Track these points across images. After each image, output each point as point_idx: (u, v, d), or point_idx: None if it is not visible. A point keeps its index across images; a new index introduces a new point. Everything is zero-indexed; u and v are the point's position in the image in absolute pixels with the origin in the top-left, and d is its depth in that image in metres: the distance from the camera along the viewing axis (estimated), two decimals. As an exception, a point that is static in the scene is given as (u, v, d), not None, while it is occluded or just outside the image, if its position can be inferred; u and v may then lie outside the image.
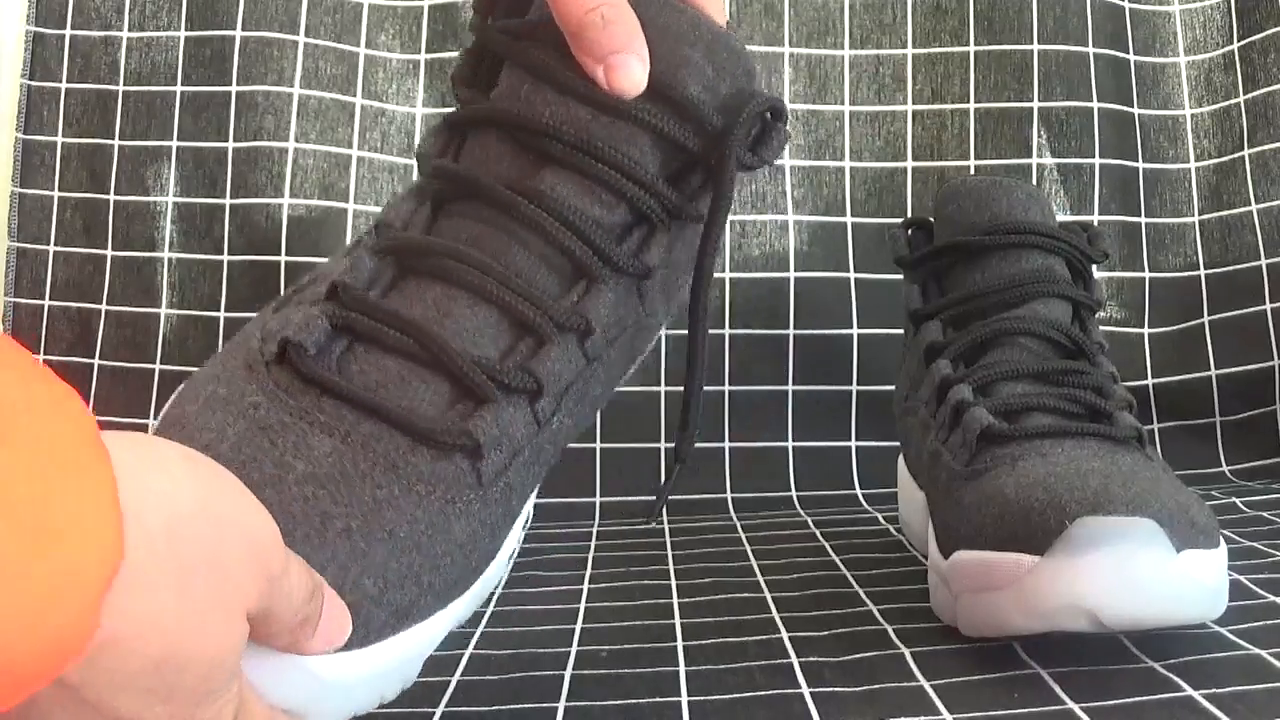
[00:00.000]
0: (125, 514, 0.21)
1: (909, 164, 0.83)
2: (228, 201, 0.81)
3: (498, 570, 0.37)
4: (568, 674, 0.41)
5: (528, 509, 0.38)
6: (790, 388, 0.79)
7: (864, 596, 0.50)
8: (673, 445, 0.41)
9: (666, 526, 0.69)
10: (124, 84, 0.82)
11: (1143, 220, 0.84)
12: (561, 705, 0.38)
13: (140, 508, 0.22)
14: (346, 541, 0.30)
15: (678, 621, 0.47)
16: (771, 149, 0.37)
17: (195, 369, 0.37)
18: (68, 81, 0.83)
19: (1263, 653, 0.39)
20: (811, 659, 0.42)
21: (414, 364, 0.33)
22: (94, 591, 0.21)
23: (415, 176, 0.38)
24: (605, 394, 0.38)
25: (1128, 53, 0.85)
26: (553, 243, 0.34)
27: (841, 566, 0.56)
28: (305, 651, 0.29)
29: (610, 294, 0.35)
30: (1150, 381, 0.80)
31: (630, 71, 0.33)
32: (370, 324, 0.33)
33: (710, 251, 0.36)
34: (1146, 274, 0.83)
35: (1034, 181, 0.81)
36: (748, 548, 0.61)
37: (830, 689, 0.38)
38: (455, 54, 0.84)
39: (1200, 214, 0.84)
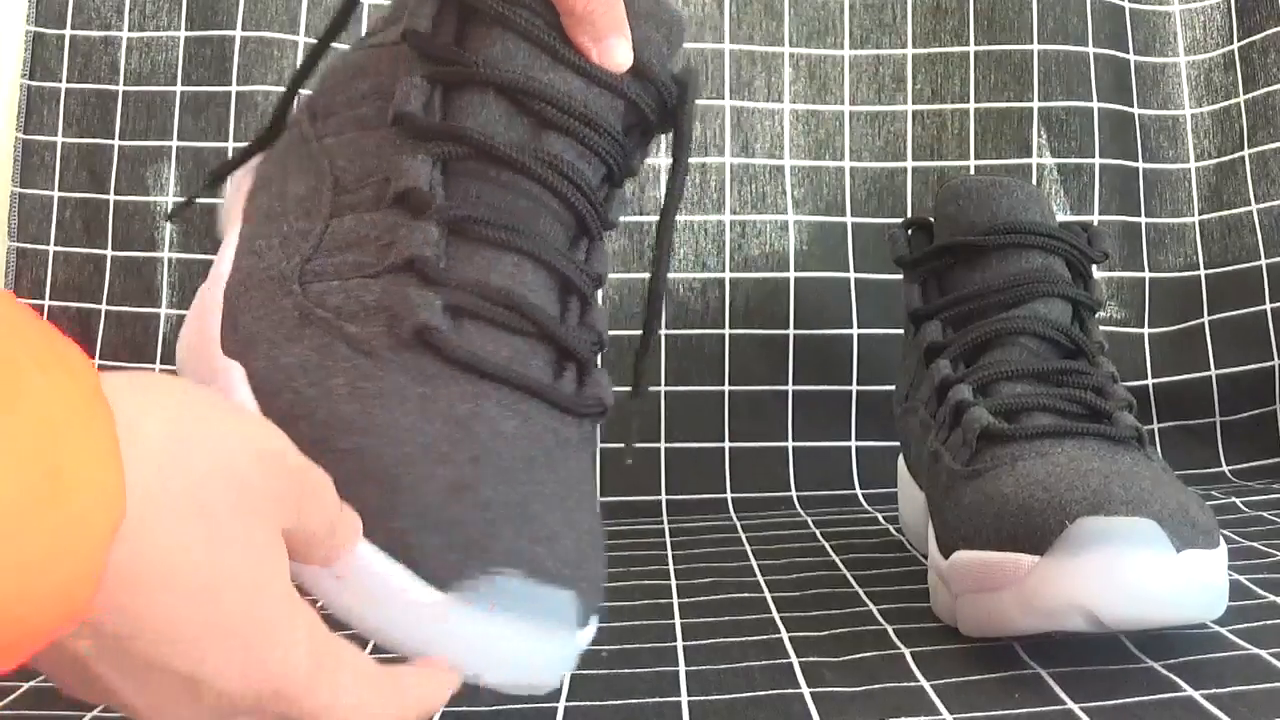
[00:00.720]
0: (126, 454, 0.22)
1: (909, 164, 0.83)
2: (228, 201, 0.81)
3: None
4: (568, 674, 0.41)
5: None
6: (790, 388, 0.79)
7: (864, 596, 0.50)
8: (635, 387, 0.44)
9: (666, 526, 0.69)
10: (124, 84, 0.82)
11: (1143, 220, 0.84)
12: (561, 705, 0.38)
13: (141, 442, 0.23)
14: (571, 534, 0.33)
15: (678, 621, 0.47)
16: (693, 118, 0.41)
17: None
18: (68, 81, 0.83)
19: (1263, 653, 0.39)
20: (811, 659, 0.42)
21: (520, 336, 0.35)
22: (100, 542, 0.21)
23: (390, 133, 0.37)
24: None
25: (1128, 53, 0.85)
26: (566, 204, 0.37)
27: (841, 566, 0.56)
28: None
29: (603, 252, 0.39)
30: (1150, 381, 0.80)
31: (622, 52, 0.37)
32: (475, 300, 0.34)
33: (673, 207, 0.40)
34: (1146, 274, 0.83)
35: (1034, 181, 0.81)
36: (748, 548, 0.61)
37: (830, 689, 0.38)
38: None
39: (1200, 214, 0.84)
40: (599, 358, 0.37)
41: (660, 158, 0.82)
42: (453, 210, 0.35)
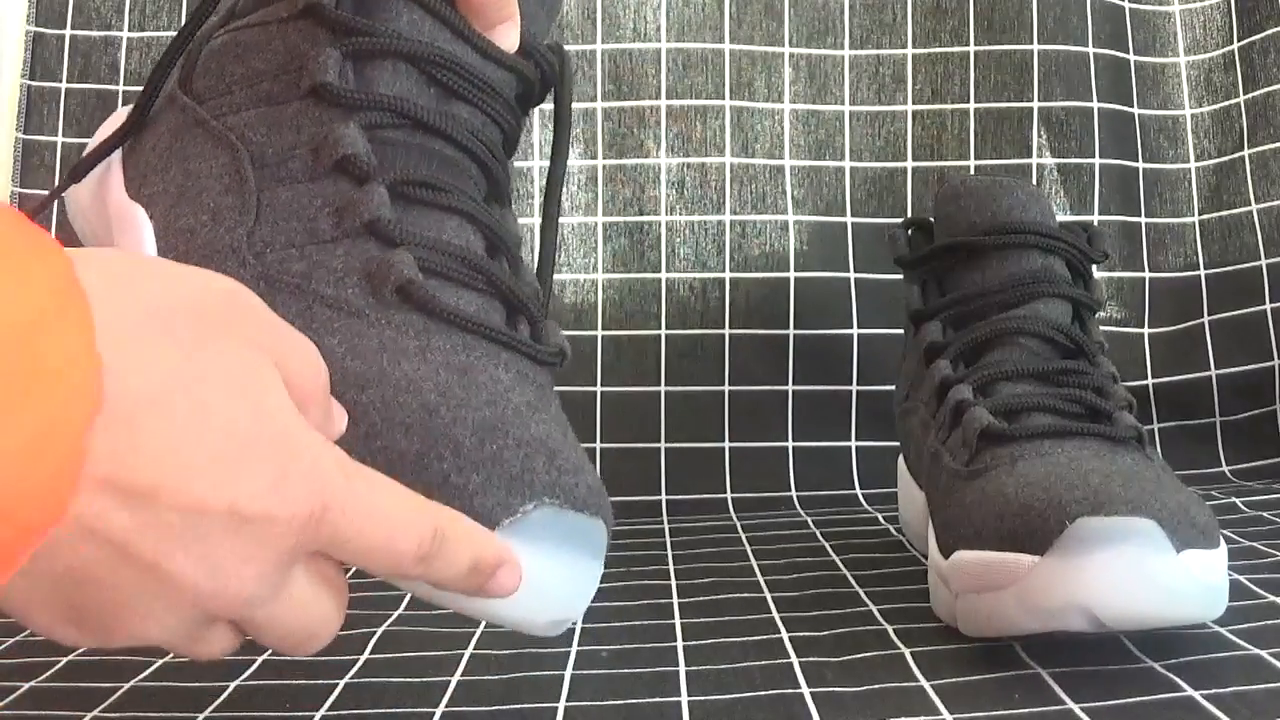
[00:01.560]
0: (95, 305, 0.22)
1: (909, 164, 0.83)
2: (228, 201, 0.81)
3: None
4: (568, 674, 0.41)
5: None
6: (790, 388, 0.79)
7: (864, 596, 0.50)
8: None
9: (666, 526, 0.69)
10: (124, 84, 0.82)
11: (1143, 220, 0.84)
12: (561, 705, 0.38)
13: (89, 288, 0.23)
14: (582, 455, 0.35)
15: (678, 621, 0.47)
16: (571, 88, 0.43)
17: None
18: (68, 81, 0.83)
19: (1263, 653, 0.39)
20: (811, 659, 0.42)
21: (477, 292, 0.37)
22: (79, 431, 0.21)
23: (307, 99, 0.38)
24: None
25: (1128, 53, 0.85)
26: (482, 167, 0.39)
27: (841, 566, 0.56)
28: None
29: (513, 215, 0.41)
30: (1150, 381, 0.80)
31: (512, 37, 0.39)
32: (439, 258, 0.36)
33: (558, 179, 0.42)
34: (1146, 274, 0.83)
35: (1034, 181, 0.81)
36: (748, 548, 0.61)
37: (830, 689, 0.38)
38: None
39: (1200, 214, 0.84)
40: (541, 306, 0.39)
41: (662, 157, 0.82)
42: (394, 174, 0.36)
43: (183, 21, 0.82)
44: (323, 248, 0.35)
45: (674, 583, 0.54)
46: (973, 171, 0.82)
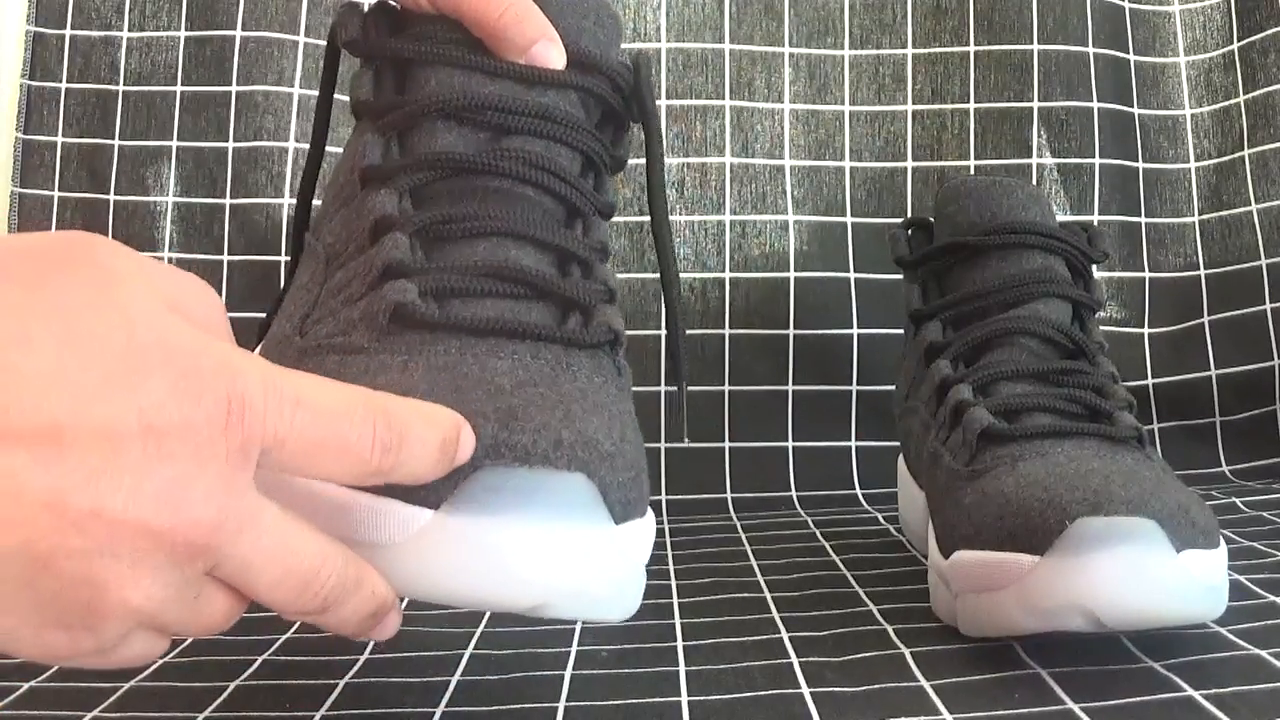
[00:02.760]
0: None
1: (909, 164, 0.83)
2: (228, 201, 0.81)
3: None
4: (568, 674, 0.41)
5: None
6: (790, 388, 0.79)
7: (864, 596, 0.50)
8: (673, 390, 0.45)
9: (666, 526, 0.69)
10: (124, 84, 0.82)
11: (1143, 220, 0.84)
12: (561, 705, 0.38)
13: None
14: (595, 416, 0.31)
15: (678, 621, 0.47)
16: (653, 97, 0.43)
17: None
18: (68, 81, 0.83)
19: (1263, 653, 0.39)
20: (811, 659, 0.42)
21: (513, 299, 0.35)
22: None
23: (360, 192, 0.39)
24: None
25: (1128, 53, 0.85)
26: (546, 189, 0.38)
27: (841, 566, 0.56)
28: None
29: (603, 227, 0.40)
30: (1150, 381, 0.80)
31: (550, 53, 0.38)
32: (454, 277, 0.35)
33: (661, 199, 0.42)
34: (1146, 274, 0.83)
35: (1034, 181, 0.81)
36: (748, 548, 0.61)
37: (830, 689, 0.38)
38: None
39: (1200, 214, 0.84)
40: (609, 304, 0.37)
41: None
42: (418, 218, 0.36)
43: (184, 22, 0.82)
44: (351, 307, 0.36)
45: (674, 583, 0.54)
46: (973, 171, 0.82)
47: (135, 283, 0.25)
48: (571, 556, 0.29)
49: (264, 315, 0.44)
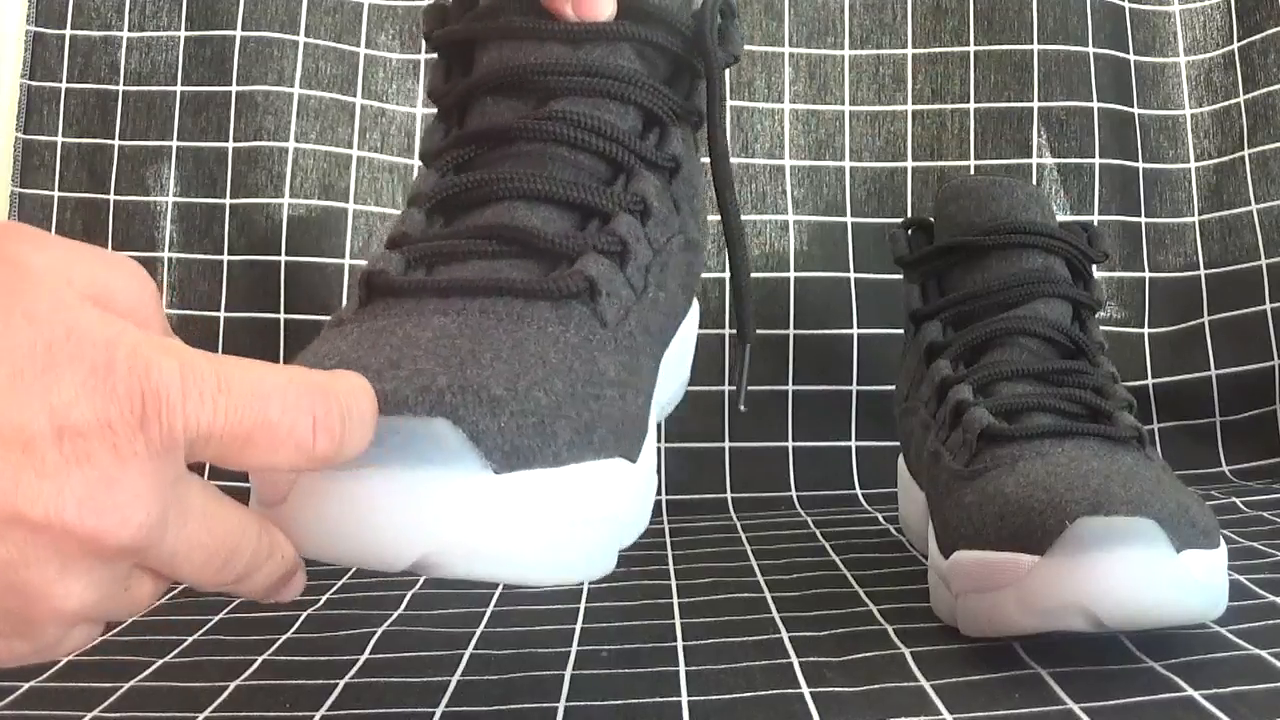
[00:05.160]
0: None
1: (909, 164, 0.83)
2: (228, 201, 0.81)
3: (651, 465, 0.36)
4: (568, 674, 0.41)
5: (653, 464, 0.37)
6: (790, 388, 0.79)
7: (864, 596, 0.50)
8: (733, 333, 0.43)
9: (666, 526, 0.69)
10: (124, 84, 0.82)
11: (1143, 220, 0.84)
12: (561, 705, 0.38)
13: None
14: (503, 364, 0.29)
15: (678, 621, 0.47)
16: (735, 43, 0.41)
17: None
18: (68, 81, 0.83)
19: (1263, 653, 0.39)
20: (811, 659, 0.42)
21: (499, 259, 0.35)
22: None
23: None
24: (677, 310, 0.40)
25: (1128, 53, 0.85)
26: (583, 148, 0.37)
27: (841, 566, 0.56)
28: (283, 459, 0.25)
29: (653, 180, 0.38)
30: (1150, 381, 0.80)
31: (597, 4, 0.37)
32: (444, 244, 0.35)
33: (720, 140, 0.40)
34: (1146, 274, 0.83)
35: (1034, 181, 0.81)
36: (748, 548, 0.61)
37: (830, 689, 0.38)
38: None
39: (1200, 214, 0.84)
40: (620, 263, 0.36)
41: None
42: (435, 190, 0.37)
43: (184, 22, 0.82)
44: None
45: (674, 583, 0.54)
46: (973, 171, 0.82)
47: (46, 275, 0.24)
48: (437, 506, 0.27)
49: (267, 315, 0.45)
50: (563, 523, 0.29)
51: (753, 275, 0.80)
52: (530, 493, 0.28)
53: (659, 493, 0.76)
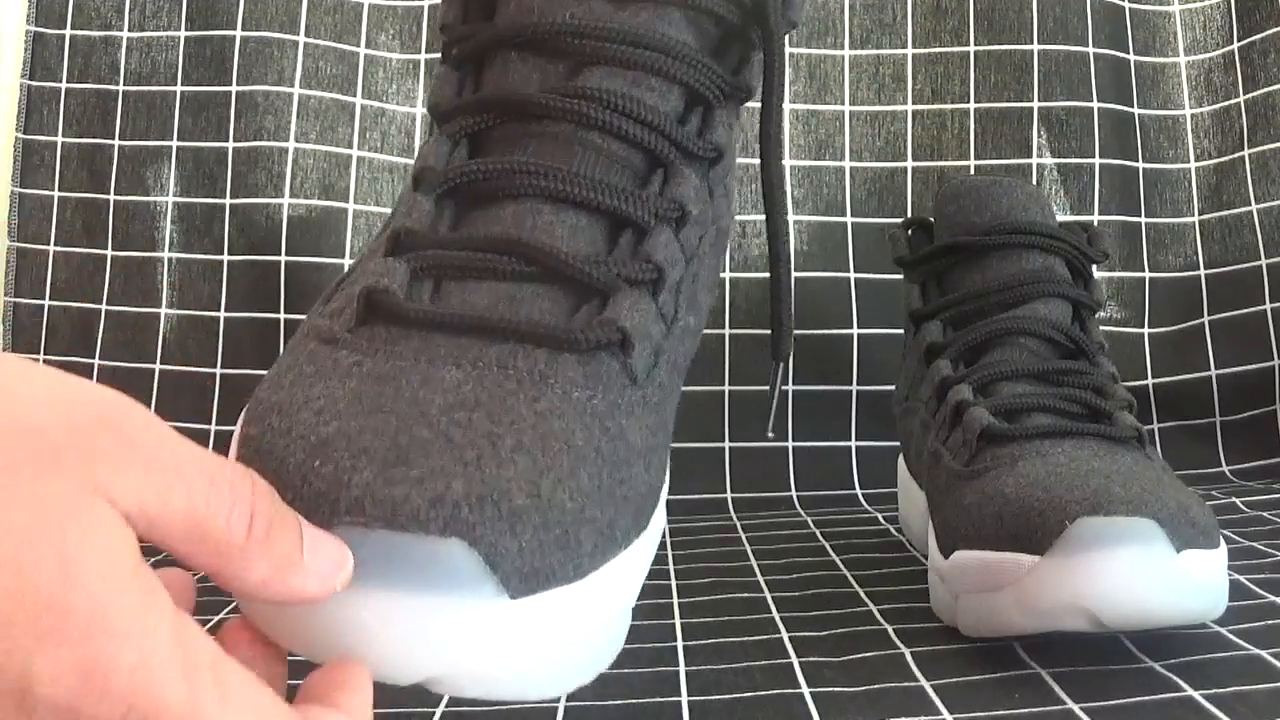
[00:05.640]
0: None
1: (909, 164, 0.83)
2: (228, 201, 0.81)
3: (662, 514, 0.33)
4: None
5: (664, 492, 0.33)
6: (790, 388, 0.79)
7: (864, 596, 0.50)
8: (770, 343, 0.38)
9: (666, 526, 0.69)
10: (124, 84, 0.82)
11: (1143, 220, 0.84)
12: (561, 705, 0.38)
13: None
14: (526, 457, 0.26)
15: (678, 621, 0.47)
16: (795, 8, 0.37)
17: (195, 369, 0.35)
18: (68, 81, 0.83)
19: (1263, 653, 0.39)
20: (811, 659, 0.42)
21: (519, 281, 0.30)
22: None
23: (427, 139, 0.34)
24: (702, 325, 0.36)
25: (1128, 53, 0.85)
26: (618, 136, 0.32)
27: (841, 566, 0.56)
28: (285, 590, 0.23)
29: (691, 179, 0.33)
30: (1150, 381, 0.80)
31: None
32: (456, 255, 0.30)
33: (775, 119, 0.36)
34: (1146, 274, 0.83)
35: (1034, 181, 0.81)
36: (748, 548, 0.61)
37: (830, 689, 0.38)
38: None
39: (1200, 214, 0.84)
40: (653, 292, 0.32)
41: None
42: (447, 175, 0.32)
43: (184, 22, 0.82)
44: (358, 278, 0.31)
45: (674, 583, 0.54)
46: (973, 171, 0.82)
47: (100, 521, 0.20)
48: (445, 636, 0.24)
49: (267, 315, 0.41)
50: (579, 635, 0.27)
51: (752, 275, 0.81)
52: (547, 614, 0.26)
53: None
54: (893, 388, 0.63)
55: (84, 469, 0.20)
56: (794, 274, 0.81)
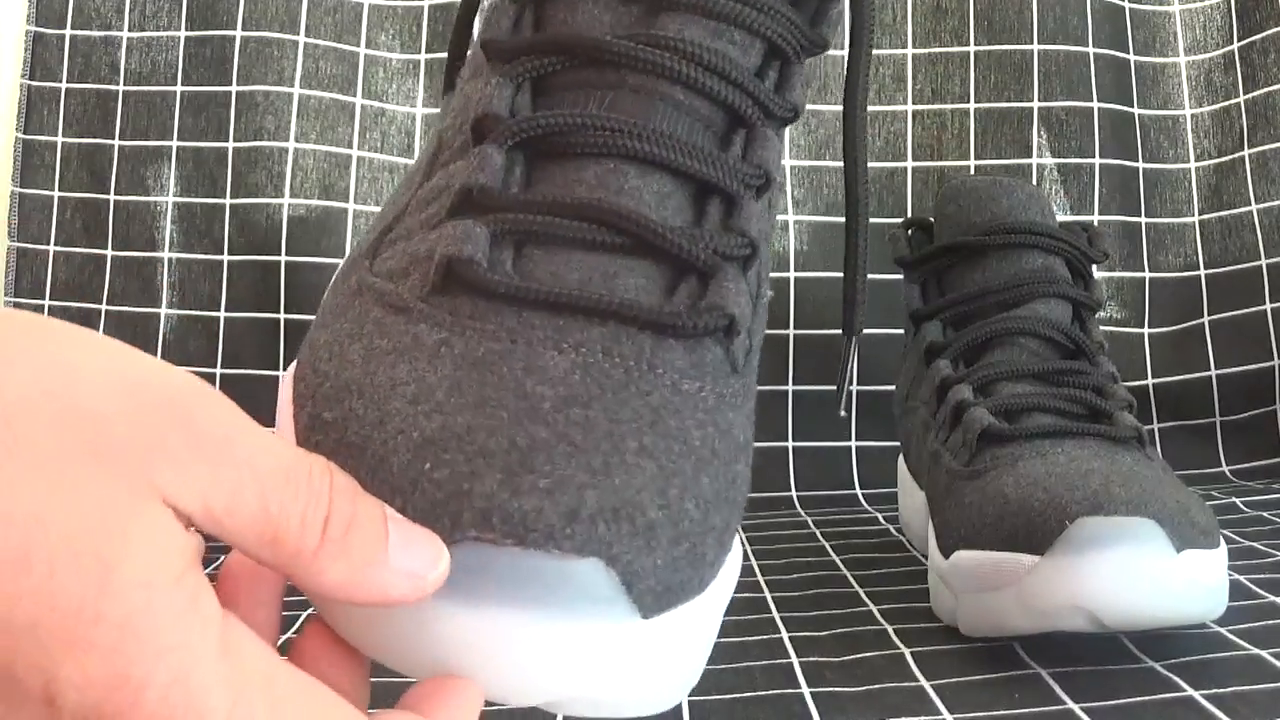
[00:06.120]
0: None
1: (909, 164, 0.83)
2: (228, 201, 0.81)
3: None
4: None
5: None
6: (790, 388, 0.79)
7: (864, 596, 0.50)
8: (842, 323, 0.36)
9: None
10: (124, 84, 0.82)
11: (1143, 220, 0.84)
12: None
13: None
14: (652, 461, 0.24)
15: (678, 621, 0.47)
16: None
17: (195, 369, 0.35)
18: (68, 81, 0.83)
19: (1263, 653, 0.39)
20: (811, 659, 0.42)
21: (609, 253, 0.28)
22: None
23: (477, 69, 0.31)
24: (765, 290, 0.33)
25: (1128, 53, 0.85)
26: (701, 92, 0.30)
27: (841, 566, 0.56)
28: (365, 594, 0.21)
29: (774, 142, 0.31)
30: (1150, 381, 0.80)
31: None
32: (540, 219, 0.28)
33: (864, 81, 0.34)
34: (1146, 274, 0.83)
35: (1034, 181, 0.81)
36: (748, 548, 0.61)
37: (830, 689, 0.38)
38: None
39: (1200, 214, 0.84)
40: (743, 267, 0.29)
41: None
42: (522, 124, 0.29)
43: (184, 22, 0.82)
44: (424, 236, 0.29)
45: (674, 583, 0.54)
46: (973, 171, 0.82)
47: (147, 525, 0.18)
48: (570, 660, 0.22)
49: (267, 315, 0.38)
50: (700, 647, 0.26)
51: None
52: (675, 631, 0.24)
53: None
54: (893, 388, 0.63)
55: (142, 466, 0.19)
56: (793, 274, 0.81)
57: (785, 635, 0.45)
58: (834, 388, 0.79)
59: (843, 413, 0.42)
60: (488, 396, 0.24)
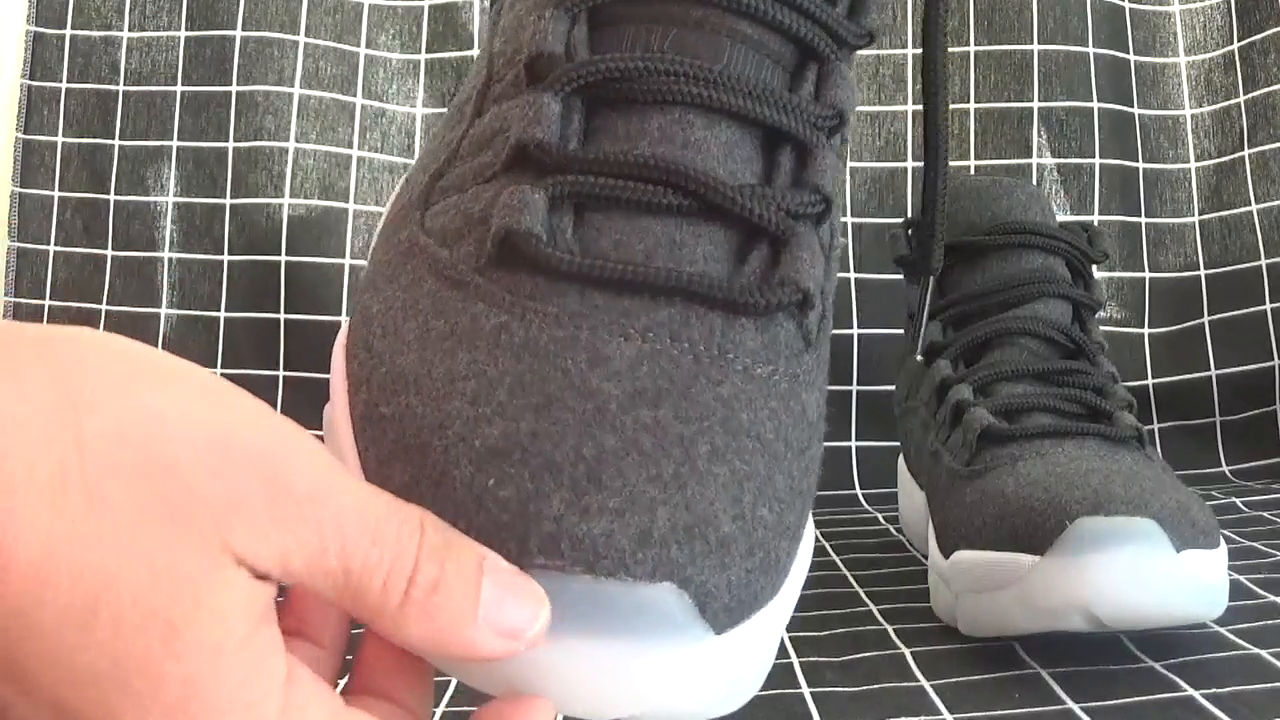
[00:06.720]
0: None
1: (909, 164, 0.83)
2: (228, 201, 0.81)
3: None
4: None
5: None
6: (790, 388, 0.79)
7: (864, 596, 0.50)
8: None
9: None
10: (124, 84, 0.82)
11: (1143, 220, 0.84)
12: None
13: (21, 402, 0.18)
14: (724, 466, 0.23)
15: (678, 621, 0.47)
16: None
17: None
18: (68, 81, 0.83)
19: (1263, 653, 0.39)
20: (812, 659, 0.42)
21: (675, 216, 0.26)
22: None
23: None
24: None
25: (1128, 53, 0.85)
26: (772, 26, 0.27)
27: (841, 566, 0.56)
28: (449, 651, 0.20)
29: (848, 77, 0.29)
30: (1150, 381, 0.80)
31: None
32: (601, 181, 0.26)
33: (939, 6, 0.31)
34: (1146, 274, 0.83)
35: (1034, 181, 0.81)
36: (748, 548, 0.61)
37: (830, 689, 0.38)
38: (456, 54, 0.84)
39: (1200, 214, 0.84)
40: (816, 225, 0.27)
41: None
42: (579, 71, 0.26)
43: (184, 22, 0.82)
44: (477, 191, 0.27)
45: (674, 583, 0.54)
46: (973, 171, 0.82)
47: (225, 595, 0.18)
48: (644, 680, 0.21)
49: (267, 315, 0.37)
50: (771, 648, 0.25)
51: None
52: (750, 641, 0.24)
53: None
54: (893, 388, 0.63)
55: (218, 527, 0.18)
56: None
57: (785, 635, 0.45)
58: (834, 388, 0.79)
59: (919, 356, 0.40)
60: (550, 395, 0.23)
